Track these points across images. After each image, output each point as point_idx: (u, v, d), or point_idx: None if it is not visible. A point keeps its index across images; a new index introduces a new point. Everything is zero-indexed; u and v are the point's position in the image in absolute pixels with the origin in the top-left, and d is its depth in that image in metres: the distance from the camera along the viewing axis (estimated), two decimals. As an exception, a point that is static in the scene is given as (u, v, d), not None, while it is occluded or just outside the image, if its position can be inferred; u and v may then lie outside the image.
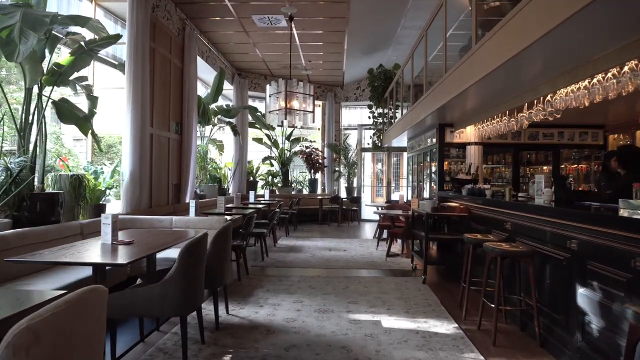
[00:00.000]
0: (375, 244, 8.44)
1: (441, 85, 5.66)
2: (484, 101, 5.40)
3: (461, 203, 5.65)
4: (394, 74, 11.11)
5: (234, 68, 11.56)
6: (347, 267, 6.38)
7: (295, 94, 7.92)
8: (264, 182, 12.83)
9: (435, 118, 6.49)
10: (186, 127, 7.92)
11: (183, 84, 7.91)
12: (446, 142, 6.58)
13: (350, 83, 13.52)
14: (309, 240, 9.08)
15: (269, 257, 7.07)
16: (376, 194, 24.06)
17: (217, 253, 3.70)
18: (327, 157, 13.48)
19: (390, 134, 10.00)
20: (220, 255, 3.74)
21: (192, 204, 5.63)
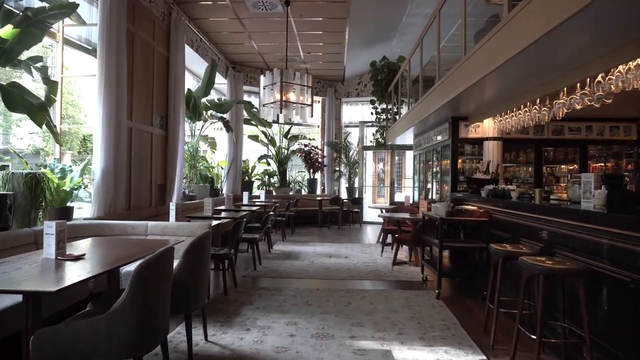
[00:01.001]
0: (380, 250, 7.74)
1: (456, 72, 4.97)
2: (508, 89, 4.70)
3: (480, 206, 4.95)
4: (399, 66, 10.42)
5: (227, 61, 10.86)
6: (349, 278, 5.68)
7: (291, 85, 7.22)
8: (260, 182, 12.13)
9: (448, 110, 5.79)
10: (172, 122, 7.22)
11: (169, 74, 7.21)
12: (460, 138, 5.89)
13: (351, 78, 12.82)
14: (307, 245, 8.38)
15: (262, 265, 6.36)
16: (378, 194, 23.39)
17: (190, 269, 3.00)
18: (327, 155, 12.78)
19: (395, 131, 9.30)
20: (195, 271, 3.04)
21: (172, 208, 4.93)
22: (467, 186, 5.38)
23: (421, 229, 5.71)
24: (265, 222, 6.16)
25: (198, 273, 3.08)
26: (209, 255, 3.31)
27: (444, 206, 4.81)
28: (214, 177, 10.13)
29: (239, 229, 4.84)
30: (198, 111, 9.02)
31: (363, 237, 9.67)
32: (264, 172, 12.07)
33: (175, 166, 7.28)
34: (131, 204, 5.92)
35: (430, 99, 5.99)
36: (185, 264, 2.91)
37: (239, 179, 11.16)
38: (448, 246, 4.70)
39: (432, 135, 7.07)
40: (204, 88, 9.01)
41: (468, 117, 5.84)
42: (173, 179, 7.25)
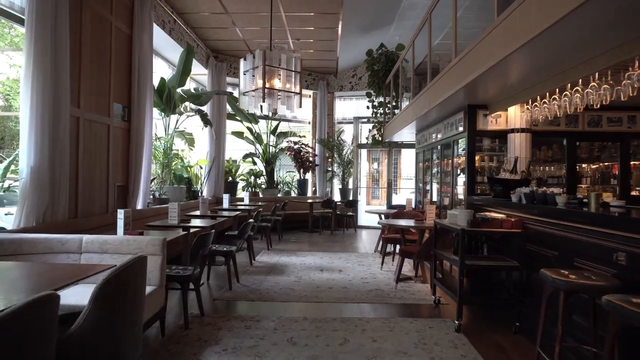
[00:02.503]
0: (379, 262, 6.73)
1: (476, 50, 3.99)
2: (543, 67, 3.72)
3: (508, 213, 3.96)
4: (397, 56, 9.44)
5: (208, 48, 9.79)
6: (345, 300, 4.65)
7: (276, 70, 6.18)
8: (245, 183, 11.07)
9: (463, 97, 4.81)
10: (137, 113, 6.15)
11: (132, 56, 6.13)
12: (478, 130, 4.90)
13: (345, 70, 11.82)
14: (295, 255, 7.34)
15: (240, 283, 5.32)
16: (372, 196, 22.38)
17: (100, 324, 1.95)
18: (319, 154, 11.76)
19: (395, 126, 8.31)
20: (110, 326, 1.99)
21: (120, 216, 3.86)
22: (489, 189, 4.38)
23: (431, 241, 4.71)
24: (243, 231, 5.11)
25: (115, 328, 2.03)
26: (141, 294, 2.26)
27: (464, 214, 3.81)
28: (192, 178, 9.07)
29: (204, 243, 3.79)
30: (173, 103, 7.97)
31: (359, 245, 8.66)
32: (249, 172, 11.01)
33: (140, 164, 6.21)
34: (78, 210, 4.84)
35: (441, 85, 4.99)
36: (91, 317, 1.86)
37: (221, 179, 10.09)
38: (471, 265, 3.70)
39: (441, 129, 6.08)
40: (179, 76, 7.95)
41: (488, 105, 4.86)
42: (138, 180, 6.17)
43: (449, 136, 5.64)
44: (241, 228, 5.10)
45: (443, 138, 5.91)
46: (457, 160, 5.43)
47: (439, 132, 6.16)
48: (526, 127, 4.66)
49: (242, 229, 5.10)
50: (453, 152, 5.46)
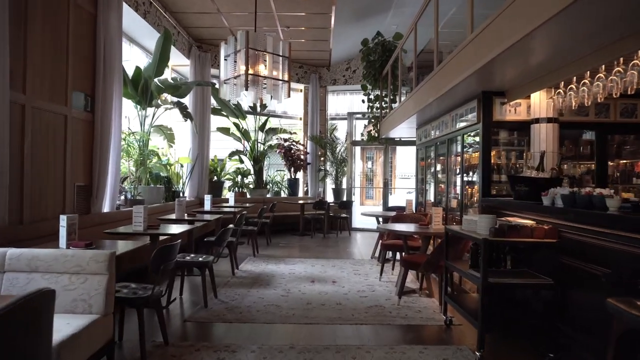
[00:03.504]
0: (377, 270, 6.04)
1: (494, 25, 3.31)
2: (579, 43, 3.05)
3: (538, 219, 3.29)
4: (395, 46, 8.76)
5: (190, 37, 9.03)
6: (340, 321, 3.94)
7: (262, 54, 5.47)
8: (232, 183, 10.32)
9: (476, 83, 4.13)
10: (102, 103, 5.39)
11: (97, 39, 5.37)
12: (495, 121, 4.22)
13: (338, 62, 11.12)
14: (283, 262, 6.62)
15: (219, 298, 4.59)
16: (366, 196, 21.68)
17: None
18: (311, 152, 11.04)
19: (393, 120, 7.62)
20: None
21: (62, 224, 3.12)
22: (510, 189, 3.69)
23: (441, 251, 4.02)
24: (221, 239, 4.38)
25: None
26: (45, 341, 1.54)
27: (486, 221, 3.12)
28: (171, 177, 8.31)
29: (165, 256, 3.06)
30: (149, 94, 7.21)
31: (354, 250, 7.96)
32: (235, 171, 10.26)
33: (106, 161, 5.46)
34: (24, 215, 4.08)
35: (451, 70, 4.31)
36: None
37: (205, 179, 9.35)
38: (496, 284, 3.01)
39: (447, 121, 5.40)
40: (156, 65, 7.19)
41: (506, 92, 4.18)
42: (104, 179, 5.42)
43: (457, 129, 4.95)
44: (219, 235, 4.37)
45: (450, 132, 5.23)
46: (468, 157, 4.75)
47: (445, 126, 5.48)
48: (553, 117, 3.99)
49: (220, 235, 4.37)
50: (462, 147, 4.77)
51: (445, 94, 4.57)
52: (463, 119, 4.76)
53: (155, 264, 2.97)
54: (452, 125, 5.16)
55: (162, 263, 3.01)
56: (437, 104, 5.11)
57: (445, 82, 4.49)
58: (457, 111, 4.95)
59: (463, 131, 4.78)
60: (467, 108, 4.58)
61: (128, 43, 7.69)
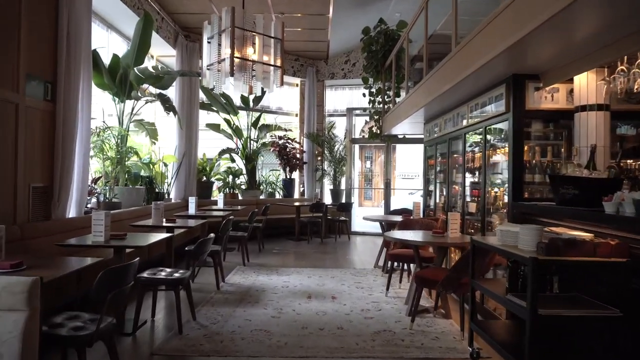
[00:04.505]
0: (382, 282, 5.34)
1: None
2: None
3: (597, 231, 2.59)
4: (399, 35, 8.06)
5: (177, 25, 8.29)
6: (343, 353, 3.23)
7: (250, 36, 4.75)
8: (222, 183, 9.58)
9: (505, 65, 3.42)
10: (66, 91, 4.65)
11: (59, 16, 4.63)
12: (528, 110, 3.51)
13: (337, 55, 10.41)
14: (276, 272, 5.90)
15: (197, 321, 3.87)
16: (364, 197, 20.97)
17: None
18: (307, 150, 10.33)
19: (398, 115, 6.92)
20: None
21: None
22: (552, 191, 2.96)
23: (463, 267, 3.32)
24: (198, 252, 3.64)
25: None
26: None
27: (531, 233, 2.42)
28: (155, 177, 7.59)
29: (113, 283, 2.34)
30: (128, 85, 6.49)
31: (354, 258, 7.25)
32: (226, 171, 9.53)
33: (71, 159, 4.73)
34: (-43, 222, 3.35)
35: (473, 50, 3.62)
36: None
37: (192, 179, 8.62)
38: (548, 316, 2.30)
39: (464, 113, 4.69)
40: (135, 52, 6.46)
41: (541, 75, 3.48)
42: (68, 179, 4.68)
43: (478, 121, 4.24)
44: (196, 246, 3.64)
45: (468, 125, 4.52)
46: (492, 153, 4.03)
47: (461, 118, 4.77)
48: (604, 103, 3.27)
49: (198, 247, 3.64)
50: (485, 141, 4.07)
51: (465, 79, 3.86)
52: (486, 109, 4.05)
53: (100, 290, 2.25)
54: (471, 117, 4.45)
55: (111, 289, 2.29)
56: (452, 92, 4.41)
57: (465, 65, 3.79)
58: (477, 100, 4.24)
59: (485, 124, 4.07)
60: (492, 96, 3.87)
61: (105, 28, 6.96)
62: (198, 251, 3.60)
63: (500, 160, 3.88)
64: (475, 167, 4.54)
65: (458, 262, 3.40)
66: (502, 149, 3.87)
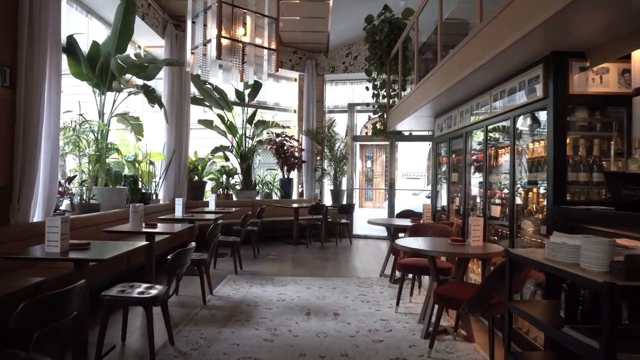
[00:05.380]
0: (390, 294, 4.75)
1: None
2: None
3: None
4: (405, 24, 7.47)
5: (165, 13, 7.69)
6: (348, 391, 2.64)
7: (241, 14, 4.15)
8: (215, 183, 8.98)
9: (542, 40, 2.84)
10: (29, 78, 4.06)
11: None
12: (573, 94, 2.92)
13: (337, 47, 9.81)
14: (272, 282, 5.30)
15: (175, 345, 3.27)
16: (365, 197, 20.35)
17: None
18: (306, 149, 9.74)
19: (405, 108, 6.32)
20: None
21: None
22: (611, 193, 2.37)
23: (495, 284, 2.73)
24: (173, 266, 3.02)
25: None
26: None
27: (601, 248, 1.84)
28: (141, 176, 6.98)
29: (45, 316, 1.74)
30: (109, 75, 5.89)
31: (357, 264, 6.64)
32: (220, 171, 8.92)
33: (36, 155, 4.13)
34: None
35: (501, 25, 3.03)
36: None
37: (183, 179, 8.02)
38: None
39: (484, 103, 4.10)
40: (116, 39, 5.89)
41: (587, 52, 2.90)
42: (31, 178, 4.09)
43: (505, 111, 3.63)
44: (172, 260, 3.03)
45: (492, 116, 3.92)
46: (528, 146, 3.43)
47: (482, 108, 4.17)
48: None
49: (174, 261, 3.03)
50: (513, 134, 3.48)
51: (490, 61, 3.28)
52: (515, 96, 3.46)
53: (21, 328, 1.64)
54: (495, 107, 3.86)
55: (37, 328, 1.69)
56: (472, 79, 3.82)
57: (491, 44, 3.20)
58: (503, 86, 3.65)
59: (514, 113, 3.48)
60: (524, 80, 3.28)
61: (85, 13, 6.37)
62: (174, 264, 2.99)
63: (534, 156, 3.29)
64: (499, 165, 3.95)
65: (489, 279, 2.81)
66: (535, 143, 3.27)
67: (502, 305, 2.88)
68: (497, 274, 2.76)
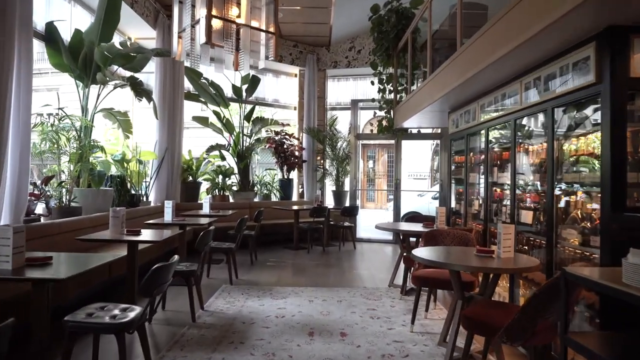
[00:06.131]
0: (401, 307, 4.25)
1: None
2: None
3: None
4: (413, 14, 6.97)
5: (157, 2, 7.18)
6: None
7: (234, -8, 3.65)
8: (211, 184, 8.46)
9: (596, 12, 2.34)
10: (-7, 65, 3.56)
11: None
12: (635, 77, 2.42)
13: (340, 40, 9.30)
14: (270, 294, 4.79)
15: (155, 378, 2.76)
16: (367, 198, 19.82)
17: None
18: (307, 148, 9.24)
19: (418, 101, 5.81)
20: None
21: None
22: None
23: (540, 309, 2.23)
24: (150, 286, 2.48)
25: None
26: None
27: None
28: (130, 177, 6.48)
29: None
30: (93, 66, 5.40)
31: (363, 272, 6.14)
32: (216, 170, 8.41)
33: (1, 153, 3.62)
34: None
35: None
36: None
37: (176, 179, 7.52)
38: None
39: (512, 93, 3.60)
40: (100, 26, 5.40)
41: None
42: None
43: (540, 100, 3.14)
44: (147, 278, 2.51)
45: (523, 107, 3.41)
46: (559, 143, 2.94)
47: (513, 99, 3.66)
48: None
49: (150, 279, 2.50)
50: (552, 128, 2.97)
51: (526, 42, 2.77)
52: (554, 83, 2.96)
53: None
54: (527, 97, 3.35)
55: None
56: (500, 66, 3.32)
57: (528, 22, 2.70)
58: (539, 72, 3.15)
59: (553, 103, 2.97)
60: (567, 63, 2.78)
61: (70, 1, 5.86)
62: (151, 283, 2.48)
63: (578, 153, 2.78)
64: (534, 164, 3.44)
65: (533, 303, 2.30)
66: (581, 138, 2.77)
67: (548, 333, 2.39)
68: (544, 296, 2.25)
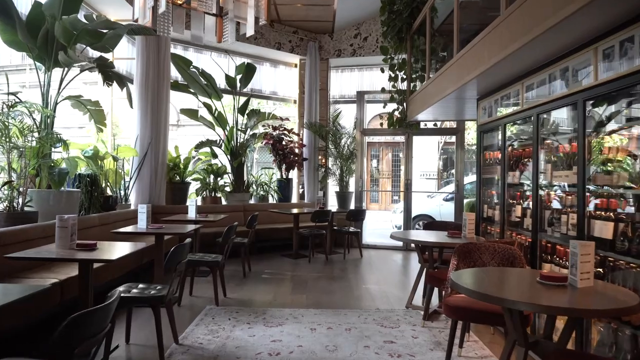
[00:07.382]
0: (425, 337, 3.38)
1: None
2: None
3: None
4: (428, -8, 6.11)
5: (138, -23, 6.30)
6: None
7: None
8: (201, 184, 7.59)
9: None
10: None
11: None
12: None
13: (345, 26, 8.44)
14: (263, 320, 3.92)
15: None
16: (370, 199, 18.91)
17: None
18: (308, 144, 8.38)
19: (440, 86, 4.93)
20: None
21: None
22: None
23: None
24: (100, 322, 1.63)
25: None
26: None
27: None
28: (105, 176, 5.63)
29: None
30: (55, 45, 4.54)
31: (373, 287, 5.26)
32: (206, 169, 7.54)
33: None
34: None
35: None
36: None
37: (161, 179, 6.67)
38: None
39: (581, 66, 2.74)
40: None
41: None
42: None
43: (636, 70, 2.28)
44: (103, 309, 1.64)
45: (602, 82, 2.54)
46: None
47: (583, 72, 2.79)
48: None
49: (99, 315, 1.64)
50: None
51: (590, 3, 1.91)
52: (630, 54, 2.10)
53: None
54: (604, 69, 2.49)
55: None
56: (558, 32, 2.45)
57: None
58: (626, 33, 2.28)
59: (635, 78, 2.11)
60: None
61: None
62: (101, 318, 1.56)
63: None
64: (612, 159, 2.57)
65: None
66: None
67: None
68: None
